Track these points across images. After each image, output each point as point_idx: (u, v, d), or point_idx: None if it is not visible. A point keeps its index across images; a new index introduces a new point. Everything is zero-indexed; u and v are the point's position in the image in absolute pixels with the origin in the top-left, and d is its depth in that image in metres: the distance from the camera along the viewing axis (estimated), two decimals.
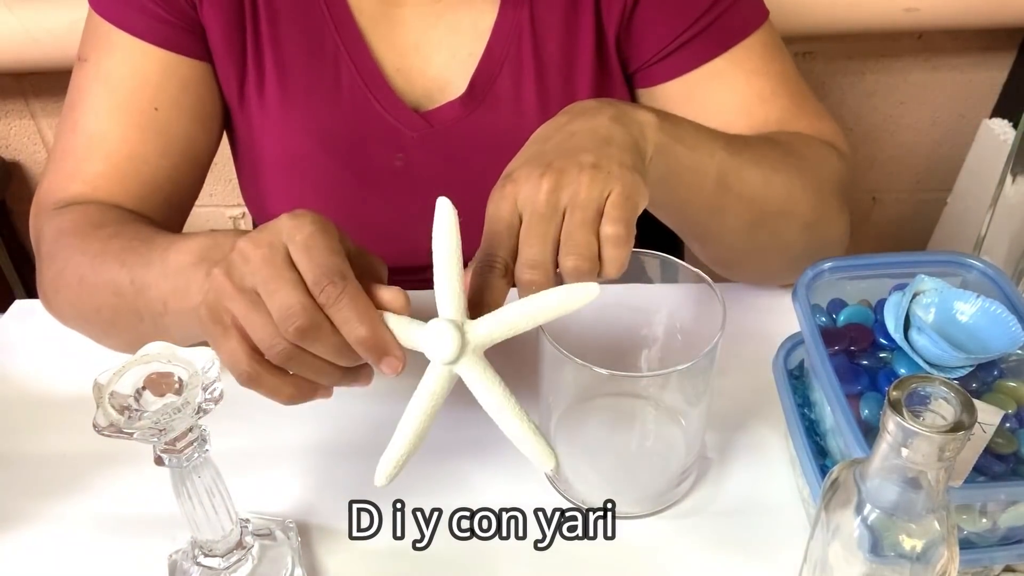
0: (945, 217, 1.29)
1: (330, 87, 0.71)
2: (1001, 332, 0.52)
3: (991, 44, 1.24)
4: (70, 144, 0.70)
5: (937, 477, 0.37)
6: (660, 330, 0.62)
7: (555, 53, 0.71)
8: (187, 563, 0.51)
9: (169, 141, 0.70)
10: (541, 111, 0.72)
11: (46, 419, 0.65)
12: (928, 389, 0.37)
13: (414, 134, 0.73)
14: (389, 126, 0.72)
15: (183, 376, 0.44)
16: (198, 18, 0.69)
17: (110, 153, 0.69)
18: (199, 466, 0.46)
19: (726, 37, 0.70)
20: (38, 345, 0.72)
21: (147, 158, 0.69)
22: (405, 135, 0.73)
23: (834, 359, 0.53)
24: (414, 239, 0.77)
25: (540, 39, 0.71)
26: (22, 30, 1.13)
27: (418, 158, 0.73)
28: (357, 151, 0.73)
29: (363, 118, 0.72)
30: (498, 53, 0.71)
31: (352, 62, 0.71)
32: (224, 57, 0.71)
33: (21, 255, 1.45)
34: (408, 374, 0.49)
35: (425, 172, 0.74)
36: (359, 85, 0.71)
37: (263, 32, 0.70)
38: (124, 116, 0.69)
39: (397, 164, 0.73)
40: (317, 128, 0.72)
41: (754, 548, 0.55)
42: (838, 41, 1.23)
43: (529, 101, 0.72)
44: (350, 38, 0.71)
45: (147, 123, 0.69)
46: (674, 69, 0.71)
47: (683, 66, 0.70)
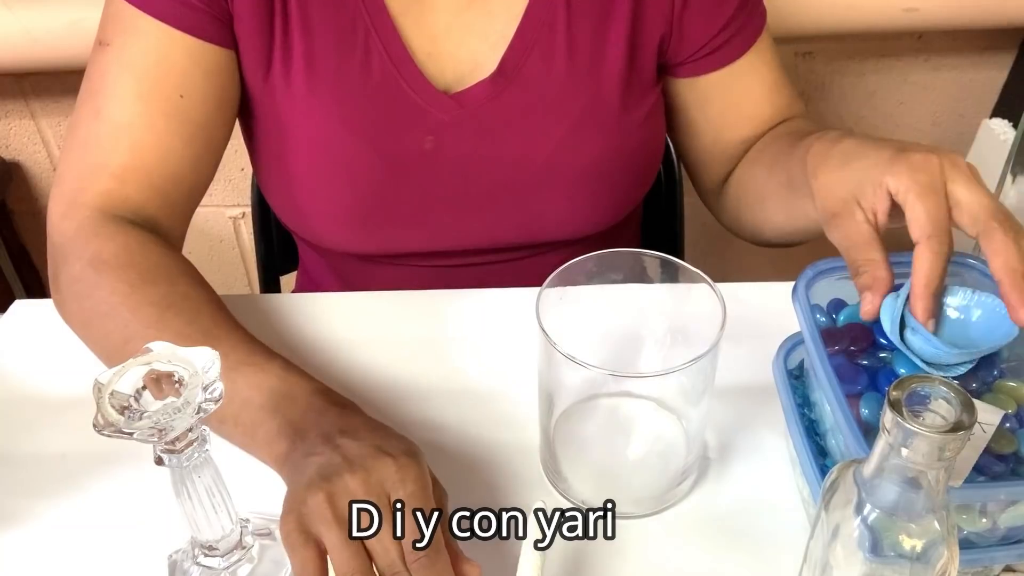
0: None
1: (360, 71, 0.71)
2: (996, 324, 0.52)
3: (991, 44, 1.24)
4: (93, 132, 0.68)
5: (937, 477, 0.37)
6: (660, 330, 0.62)
7: (586, 39, 0.72)
8: (187, 563, 0.51)
9: (194, 130, 0.69)
10: (569, 91, 0.73)
11: (46, 419, 0.65)
12: (928, 389, 0.37)
13: (444, 116, 0.73)
14: (419, 108, 0.72)
15: (183, 376, 0.44)
16: (226, 5, 0.68)
17: (137, 143, 0.67)
18: (199, 466, 0.46)
19: (751, 35, 0.77)
20: (38, 345, 0.72)
21: (173, 147, 0.69)
22: (435, 117, 0.73)
23: (834, 359, 0.53)
24: (440, 222, 0.78)
25: (574, 25, 0.72)
26: (22, 30, 1.13)
27: (447, 140, 0.74)
28: (386, 134, 0.73)
29: (393, 101, 0.72)
30: (530, 36, 0.72)
31: (383, 46, 0.71)
32: (251, 43, 0.70)
33: (21, 255, 1.45)
34: None
35: (454, 153, 0.74)
36: (389, 69, 0.72)
37: (293, 16, 0.70)
38: (151, 104, 0.67)
39: (427, 147, 0.74)
40: (346, 112, 0.72)
41: (754, 548, 0.55)
42: (838, 41, 1.23)
43: (558, 81, 0.73)
44: (381, 23, 0.71)
45: (173, 111, 0.68)
46: (713, 64, 0.77)
47: (720, 61, 0.77)
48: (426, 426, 0.64)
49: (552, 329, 0.52)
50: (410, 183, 0.75)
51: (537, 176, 0.75)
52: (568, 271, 0.56)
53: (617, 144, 0.76)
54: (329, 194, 0.75)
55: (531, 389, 0.58)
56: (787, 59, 1.25)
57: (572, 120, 0.73)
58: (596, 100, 0.74)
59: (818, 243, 1.21)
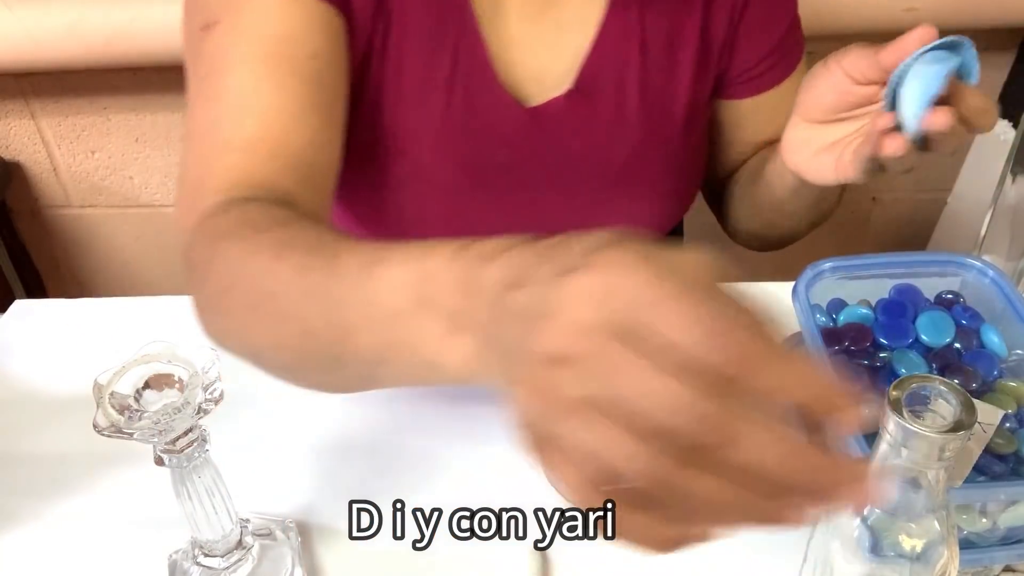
0: (945, 217, 1.29)
1: (446, 79, 0.69)
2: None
3: (991, 44, 1.24)
4: (212, 116, 0.59)
5: (937, 477, 0.37)
6: None
7: (660, 53, 0.72)
8: (187, 563, 0.51)
9: (327, 97, 0.61)
10: (642, 108, 0.73)
11: (46, 419, 0.65)
12: (928, 389, 0.37)
13: (518, 129, 0.72)
14: (496, 120, 0.71)
15: (183, 376, 0.44)
16: None
17: (266, 108, 0.58)
18: (199, 466, 0.46)
19: (795, 56, 0.77)
20: (38, 345, 0.72)
21: (306, 111, 0.59)
22: (508, 129, 0.72)
23: (834, 359, 0.53)
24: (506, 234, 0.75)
25: (648, 40, 0.71)
26: (22, 30, 1.13)
27: (522, 153, 0.73)
28: (464, 146, 0.72)
29: (472, 112, 0.71)
30: (606, 51, 0.71)
31: (470, 55, 0.69)
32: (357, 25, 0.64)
33: (21, 255, 1.45)
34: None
35: (527, 166, 0.73)
36: (472, 79, 0.70)
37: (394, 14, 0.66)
38: (280, 65, 0.59)
39: (500, 160, 0.73)
40: (427, 121, 0.70)
41: (754, 548, 0.55)
42: (838, 41, 1.22)
43: (632, 97, 0.72)
44: (470, 31, 0.68)
45: (305, 72, 0.59)
46: (757, 88, 0.77)
47: (768, 83, 0.77)
48: (425, 426, 0.64)
49: None
50: (486, 194, 0.74)
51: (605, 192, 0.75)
52: None
53: (677, 163, 0.76)
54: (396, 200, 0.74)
55: None
56: None
57: (640, 139, 0.73)
58: (665, 119, 0.74)
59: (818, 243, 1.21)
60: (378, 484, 0.59)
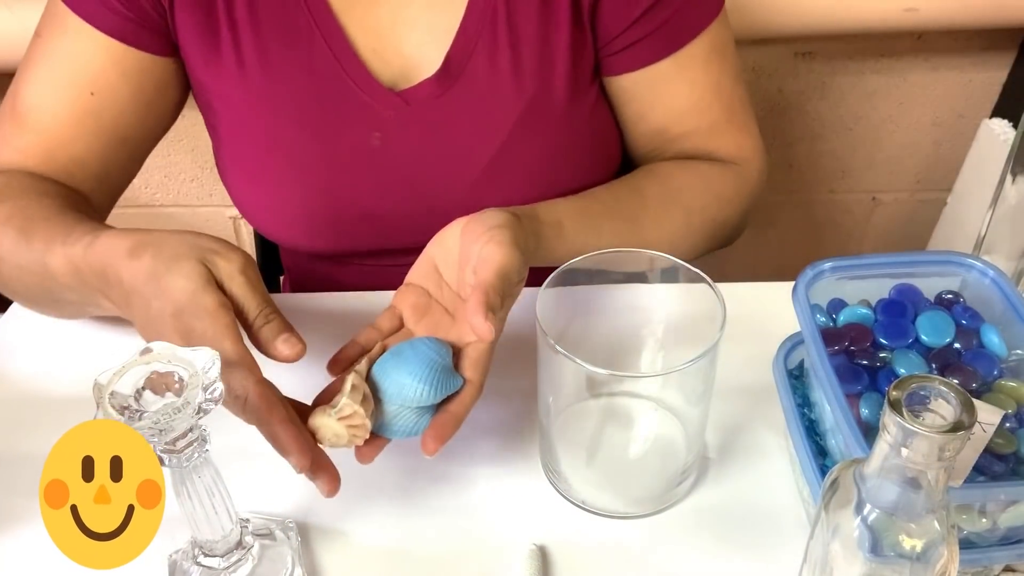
0: (945, 217, 1.29)
1: (305, 68, 0.72)
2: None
3: (991, 44, 1.24)
4: (7, 110, 0.73)
5: (937, 477, 0.37)
6: (660, 330, 0.62)
7: (531, 29, 0.71)
8: (187, 563, 0.51)
9: (101, 125, 0.73)
10: (516, 87, 0.72)
11: (46, 419, 0.65)
12: (928, 389, 0.37)
13: (390, 113, 0.73)
14: (365, 105, 0.73)
15: (183, 376, 0.44)
16: (162, 21, 0.71)
17: (43, 127, 0.72)
18: (199, 466, 0.46)
19: (676, 36, 0.73)
20: (38, 345, 0.72)
21: (77, 137, 0.72)
22: (381, 114, 0.73)
23: (834, 359, 0.53)
24: (389, 220, 0.77)
25: (515, 15, 0.71)
26: (22, 30, 1.13)
27: (395, 137, 0.74)
28: (334, 131, 0.74)
29: (339, 98, 0.73)
30: (473, 29, 0.71)
31: (326, 44, 0.72)
32: (198, 49, 0.72)
33: None
34: None
35: (402, 150, 0.74)
36: (334, 66, 0.72)
37: (240, 20, 0.71)
38: (61, 95, 0.71)
39: (374, 143, 0.74)
40: (294, 109, 0.73)
41: (754, 548, 0.55)
42: (838, 41, 1.23)
43: (504, 77, 0.72)
44: (323, 20, 0.72)
45: (82, 105, 0.72)
46: (627, 64, 0.74)
47: (635, 62, 0.74)
48: None
49: (552, 329, 0.52)
50: (360, 179, 0.75)
51: (486, 172, 0.74)
52: (568, 271, 0.56)
53: (566, 138, 0.75)
54: (280, 191, 0.76)
55: (531, 389, 0.58)
56: (787, 59, 1.25)
57: (518, 116, 0.72)
58: (543, 95, 0.73)
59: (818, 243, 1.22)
60: (378, 484, 0.59)
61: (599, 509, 0.58)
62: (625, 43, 0.73)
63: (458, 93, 0.72)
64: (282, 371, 0.54)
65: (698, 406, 0.56)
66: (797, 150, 1.35)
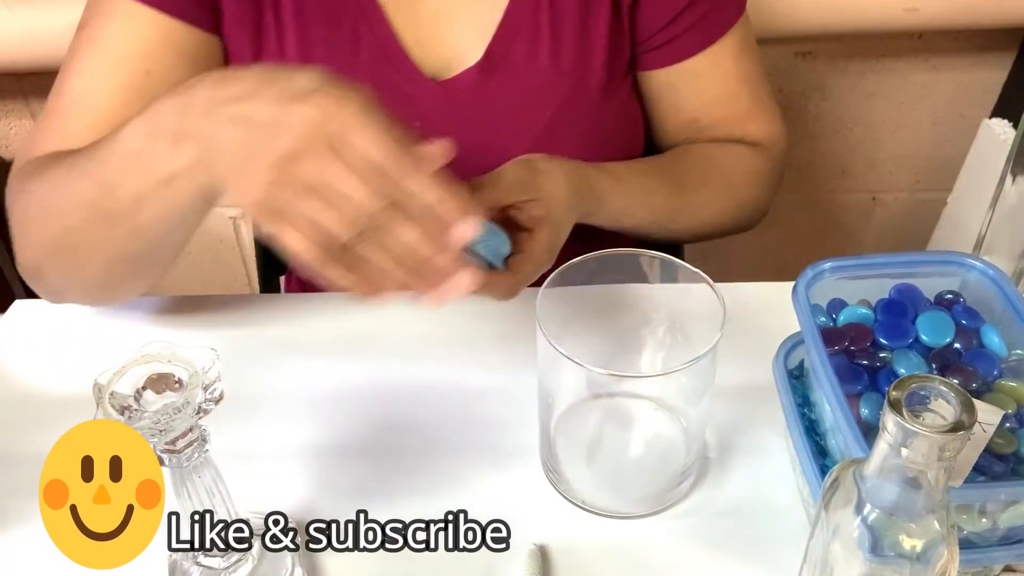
0: (945, 217, 1.29)
1: (348, 59, 0.72)
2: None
3: (991, 44, 1.24)
4: (53, 105, 0.70)
5: (937, 477, 0.37)
6: (660, 330, 0.62)
7: (571, 23, 0.73)
8: (187, 563, 0.51)
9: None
10: (555, 79, 0.73)
11: (46, 419, 0.65)
12: (928, 389, 0.37)
13: (431, 103, 0.73)
14: (406, 95, 0.73)
15: (183, 376, 0.44)
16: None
17: (89, 110, 0.68)
18: (199, 466, 0.46)
19: (711, 31, 0.76)
20: (38, 345, 0.72)
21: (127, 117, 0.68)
22: (422, 104, 0.73)
23: (834, 359, 0.53)
24: None
25: (558, 8, 0.72)
26: (22, 30, 1.13)
27: (436, 127, 0.74)
28: None
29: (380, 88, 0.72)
30: (515, 21, 0.72)
31: (371, 34, 0.72)
32: (240, 31, 0.71)
33: None
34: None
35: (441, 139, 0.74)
36: (377, 56, 0.72)
37: (285, 6, 0.71)
38: (110, 76, 0.68)
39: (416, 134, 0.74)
40: None
41: (754, 548, 0.55)
42: (838, 41, 1.23)
43: (543, 69, 0.73)
44: (370, 9, 0.71)
45: (134, 86, 0.68)
46: (665, 59, 0.76)
47: (673, 57, 0.76)
48: (425, 426, 0.64)
49: (552, 329, 0.52)
50: None
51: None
52: (568, 271, 0.56)
53: (600, 130, 0.76)
54: None
55: (531, 389, 0.58)
56: (787, 59, 1.24)
57: (556, 107, 0.74)
58: (580, 87, 0.74)
59: (818, 243, 1.22)
60: (378, 484, 0.59)
61: (599, 509, 0.58)
62: (664, 39, 0.75)
63: (498, 84, 0.73)
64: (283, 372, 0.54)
65: (698, 406, 0.56)
66: (797, 150, 1.35)
